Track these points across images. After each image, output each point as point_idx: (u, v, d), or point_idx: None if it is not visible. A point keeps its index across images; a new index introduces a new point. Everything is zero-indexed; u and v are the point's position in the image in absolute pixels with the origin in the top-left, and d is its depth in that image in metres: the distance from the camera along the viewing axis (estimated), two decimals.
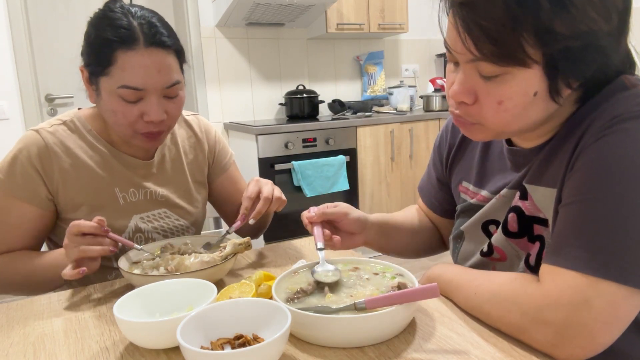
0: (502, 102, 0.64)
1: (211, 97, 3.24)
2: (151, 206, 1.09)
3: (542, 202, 0.71)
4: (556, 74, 0.61)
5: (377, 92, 3.65)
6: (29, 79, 2.76)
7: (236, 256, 0.90)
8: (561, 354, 0.59)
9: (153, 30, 0.93)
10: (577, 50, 0.59)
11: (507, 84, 0.63)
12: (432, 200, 1.02)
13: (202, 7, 3.15)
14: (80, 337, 0.72)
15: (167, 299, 0.73)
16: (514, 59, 0.60)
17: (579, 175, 0.63)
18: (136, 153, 1.09)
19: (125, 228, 1.05)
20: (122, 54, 0.91)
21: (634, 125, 0.60)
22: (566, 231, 0.62)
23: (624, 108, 0.62)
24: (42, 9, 2.86)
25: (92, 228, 0.86)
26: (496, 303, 0.66)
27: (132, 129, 0.97)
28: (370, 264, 0.83)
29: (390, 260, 0.82)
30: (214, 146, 1.22)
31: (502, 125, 0.67)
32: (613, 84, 0.66)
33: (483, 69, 0.63)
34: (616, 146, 0.60)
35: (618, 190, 0.59)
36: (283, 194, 1.05)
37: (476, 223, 0.84)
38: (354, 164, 3.04)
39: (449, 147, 0.95)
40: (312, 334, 0.65)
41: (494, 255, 0.79)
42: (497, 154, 0.83)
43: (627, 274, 0.57)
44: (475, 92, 0.66)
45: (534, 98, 0.63)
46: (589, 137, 0.63)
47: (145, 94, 0.94)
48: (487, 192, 0.83)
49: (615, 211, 0.58)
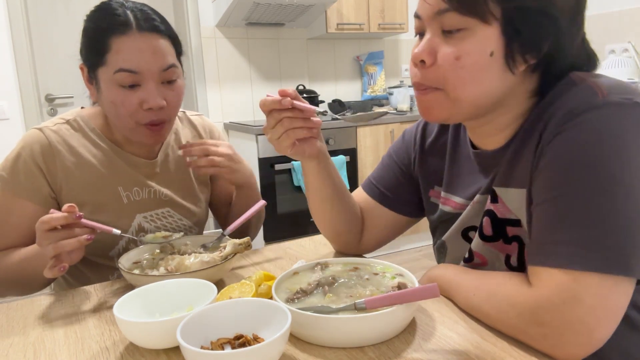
0: (460, 58, 0.67)
1: (211, 97, 3.24)
2: (155, 205, 1.09)
3: (513, 203, 0.72)
4: (513, 35, 0.65)
5: (377, 92, 3.65)
6: (29, 79, 2.76)
7: (236, 256, 0.90)
8: (561, 354, 0.59)
9: (145, 16, 0.95)
10: (532, 12, 0.64)
11: (466, 40, 0.66)
12: (387, 193, 0.97)
13: (202, 7, 3.15)
14: (80, 337, 0.72)
15: (167, 299, 0.73)
16: (477, 10, 0.64)
17: (544, 174, 0.65)
18: (139, 152, 1.08)
19: (129, 227, 1.05)
20: (116, 39, 0.92)
21: (587, 117, 0.62)
22: (543, 230, 0.63)
23: (575, 102, 0.64)
24: (42, 9, 2.86)
25: (63, 219, 0.80)
26: (494, 304, 0.66)
27: (133, 120, 0.97)
28: (370, 264, 0.83)
29: (391, 260, 0.82)
30: None
31: (459, 85, 0.69)
32: (564, 80, 0.69)
33: (447, 22, 0.67)
34: (574, 140, 0.62)
35: (584, 183, 0.60)
36: (237, 158, 1.08)
37: (456, 231, 0.84)
38: (354, 164, 3.04)
39: (418, 148, 0.94)
40: (312, 334, 0.65)
41: (475, 260, 0.80)
42: (465, 157, 0.84)
43: (610, 262, 0.58)
44: (435, 52, 0.69)
45: (490, 59, 0.66)
46: (548, 134, 0.65)
47: (142, 80, 0.94)
48: (460, 198, 0.84)
49: (586, 203, 0.60)
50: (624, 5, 2.81)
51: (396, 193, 0.96)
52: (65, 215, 0.80)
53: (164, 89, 0.97)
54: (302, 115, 0.79)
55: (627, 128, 0.60)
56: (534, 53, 0.67)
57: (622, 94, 0.62)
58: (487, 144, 0.78)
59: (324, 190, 0.90)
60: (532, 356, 0.60)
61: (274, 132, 0.79)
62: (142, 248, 0.96)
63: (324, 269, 0.81)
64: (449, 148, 0.88)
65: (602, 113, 0.61)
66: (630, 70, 2.64)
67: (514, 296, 0.64)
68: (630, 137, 0.60)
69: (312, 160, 0.86)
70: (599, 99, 0.62)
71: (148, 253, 0.95)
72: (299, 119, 0.79)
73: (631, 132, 0.60)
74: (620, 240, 0.58)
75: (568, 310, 0.58)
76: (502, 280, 0.68)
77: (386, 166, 0.99)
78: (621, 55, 2.73)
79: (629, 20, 2.79)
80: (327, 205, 0.92)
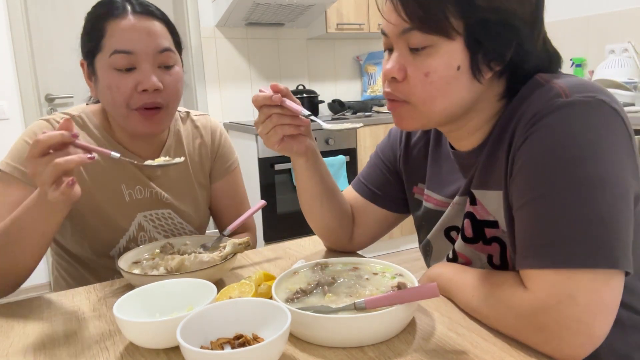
0: (428, 74, 0.69)
1: (211, 97, 3.24)
2: (156, 205, 1.09)
3: (491, 205, 0.74)
4: (476, 48, 0.67)
5: (377, 92, 3.65)
6: (29, 79, 2.76)
7: (236, 256, 0.90)
8: (563, 356, 0.59)
9: (140, 2, 0.97)
10: (493, 24, 0.66)
11: (432, 56, 0.68)
12: (376, 191, 0.98)
13: (202, 7, 3.15)
14: (80, 337, 0.72)
15: (167, 299, 0.73)
16: (439, 28, 0.66)
17: (519, 178, 0.66)
18: (141, 152, 1.07)
19: (129, 226, 1.05)
20: (112, 23, 0.94)
21: (553, 118, 0.63)
22: (527, 233, 0.64)
23: (540, 105, 0.65)
24: (42, 9, 2.86)
25: (59, 136, 0.72)
26: (492, 305, 0.67)
27: (127, 104, 0.95)
28: (370, 264, 0.83)
29: (391, 260, 0.82)
30: (216, 148, 1.19)
31: (428, 100, 0.70)
32: (529, 82, 0.70)
33: (412, 40, 0.69)
34: (543, 142, 0.63)
35: (559, 183, 0.61)
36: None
37: (439, 231, 0.86)
38: (354, 164, 3.04)
39: (403, 146, 0.95)
40: (312, 333, 0.65)
41: (459, 260, 0.81)
42: (445, 156, 0.86)
43: (598, 257, 0.58)
44: (405, 69, 0.71)
45: (457, 72, 0.68)
46: (518, 138, 0.67)
47: (137, 62, 0.94)
48: (441, 196, 0.86)
49: (564, 202, 0.60)
50: (624, 5, 2.81)
51: (384, 190, 0.98)
52: (62, 132, 0.73)
53: (160, 72, 0.97)
54: (291, 113, 0.81)
55: (593, 125, 0.62)
56: (498, 61, 0.69)
57: (584, 92, 0.63)
58: (463, 146, 0.80)
59: (314, 187, 0.92)
60: (532, 356, 0.60)
61: (263, 126, 0.82)
62: (142, 248, 0.96)
63: (324, 268, 0.81)
64: (431, 146, 0.90)
65: (567, 113, 0.62)
66: (630, 70, 2.64)
67: (511, 298, 0.64)
68: (598, 133, 0.61)
69: (300, 157, 0.88)
70: (563, 99, 0.63)
71: (148, 253, 0.95)
72: (287, 116, 0.81)
73: (599, 129, 0.62)
74: (602, 235, 0.58)
75: (564, 310, 0.58)
76: (500, 281, 0.68)
77: (373, 165, 1.00)
78: (621, 55, 2.73)
79: (629, 20, 2.79)
80: (316, 202, 0.93)
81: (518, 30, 0.67)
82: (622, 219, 0.60)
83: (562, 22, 3.06)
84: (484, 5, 0.65)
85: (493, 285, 0.68)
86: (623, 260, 0.59)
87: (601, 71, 2.70)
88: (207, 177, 1.19)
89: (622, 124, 0.63)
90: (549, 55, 0.74)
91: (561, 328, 0.58)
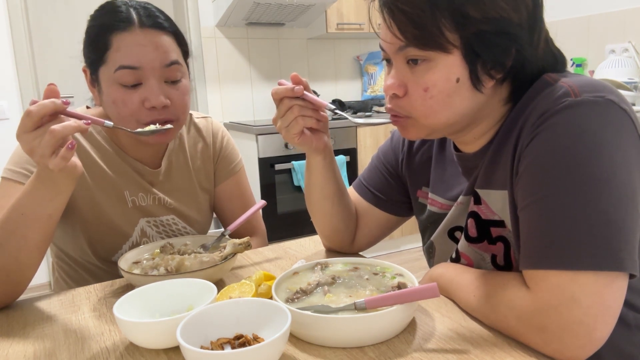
0: (427, 89, 0.68)
1: (211, 97, 3.24)
2: (159, 211, 1.08)
3: (496, 204, 0.74)
4: (474, 59, 0.66)
5: (378, 92, 3.65)
6: (29, 79, 2.76)
7: (236, 256, 0.90)
8: (563, 357, 0.59)
9: (148, 13, 0.93)
10: (490, 35, 0.65)
11: (431, 71, 0.68)
12: (380, 195, 0.98)
13: (202, 7, 3.15)
14: (80, 337, 0.72)
15: (167, 299, 0.73)
16: (435, 43, 0.66)
17: (525, 178, 0.65)
18: (143, 158, 1.06)
19: (132, 231, 1.05)
20: (117, 36, 0.90)
21: (560, 118, 0.62)
22: (531, 234, 0.64)
23: (548, 104, 0.64)
24: (42, 9, 2.86)
25: (51, 105, 0.68)
26: (493, 306, 0.66)
27: (134, 120, 0.93)
28: (370, 264, 0.83)
29: (391, 260, 0.82)
30: (218, 150, 1.18)
31: (430, 115, 0.70)
32: (537, 82, 0.69)
33: (410, 54, 0.68)
34: (551, 141, 0.62)
35: (565, 182, 0.60)
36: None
37: (443, 231, 0.85)
38: (354, 164, 3.04)
39: (406, 149, 0.95)
40: (312, 334, 0.65)
41: (462, 261, 0.81)
42: (450, 159, 0.85)
43: (601, 259, 0.58)
44: (405, 85, 0.71)
45: (457, 85, 0.68)
46: (525, 137, 0.66)
47: (144, 77, 0.91)
48: (445, 199, 0.85)
49: (570, 202, 0.60)
50: (624, 5, 2.81)
51: (387, 194, 0.98)
52: (53, 100, 0.69)
53: (167, 88, 0.94)
54: (312, 106, 0.81)
55: (602, 125, 0.61)
56: (498, 69, 0.68)
57: (594, 92, 0.63)
58: (468, 148, 0.80)
59: (327, 186, 0.91)
60: (532, 356, 0.60)
61: (284, 119, 0.81)
62: (142, 248, 0.96)
63: (324, 268, 0.81)
64: (435, 150, 0.89)
65: (576, 112, 0.62)
66: (630, 70, 2.63)
67: (512, 299, 0.64)
68: (606, 133, 0.61)
69: (318, 154, 0.88)
70: (572, 99, 0.63)
71: (148, 253, 0.95)
72: (309, 108, 0.81)
73: (607, 129, 0.61)
74: (607, 236, 0.58)
75: (566, 312, 0.58)
76: (502, 282, 0.68)
77: (375, 168, 1.00)
78: (621, 55, 2.73)
79: (629, 20, 2.79)
80: (327, 203, 0.93)
81: (516, 37, 0.66)
82: (628, 221, 0.59)
83: (562, 22, 3.06)
84: (478, 17, 0.64)
85: (494, 286, 0.68)
86: (628, 262, 0.58)
87: (601, 71, 2.69)
88: (211, 181, 1.18)
89: (631, 125, 0.62)
90: (554, 55, 0.73)
91: (562, 330, 0.58)
